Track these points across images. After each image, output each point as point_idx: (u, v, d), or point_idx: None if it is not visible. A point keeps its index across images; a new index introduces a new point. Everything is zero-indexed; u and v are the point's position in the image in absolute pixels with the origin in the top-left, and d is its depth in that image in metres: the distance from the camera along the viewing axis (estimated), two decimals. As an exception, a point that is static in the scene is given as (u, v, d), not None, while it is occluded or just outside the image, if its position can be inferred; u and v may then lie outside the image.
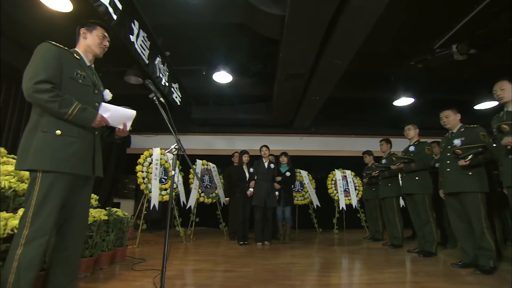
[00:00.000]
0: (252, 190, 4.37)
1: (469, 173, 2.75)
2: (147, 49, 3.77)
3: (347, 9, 3.04)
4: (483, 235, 2.68)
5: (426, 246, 3.48)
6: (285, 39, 3.62)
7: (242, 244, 4.32)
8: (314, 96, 4.97)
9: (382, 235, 4.78)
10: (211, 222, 6.25)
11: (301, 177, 6.12)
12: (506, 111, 2.40)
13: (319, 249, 4.18)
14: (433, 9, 3.75)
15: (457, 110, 3.04)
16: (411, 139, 3.73)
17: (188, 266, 2.94)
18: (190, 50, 4.92)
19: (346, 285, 2.35)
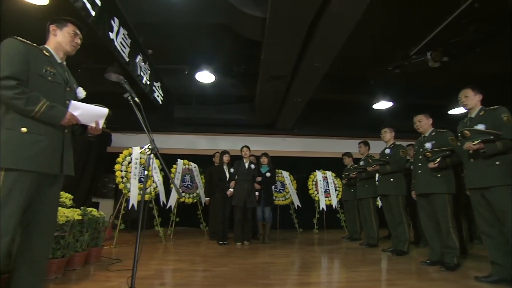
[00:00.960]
0: (232, 190, 4.39)
1: (438, 175, 2.88)
2: (128, 47, 3.71)
3: (326, 14, 3.12)
4: (449, 234, 2.82)
5: (399, 246, 3.61)
6: (266, 41, 3.66)
7: (222, 244, 4.33)
8: (296, 98, 5.05)
9: (359, 235, 4.91)
10: (192, 222, 6.22)
11: (282, 177, 6.19)
12: (469, 117, 2.54)
13: (298, 248, 4.25)
14: (410, 18, 3.91)
15: (430, 115, 3.17)
16: (387, 142, 3.86)
17: (165, 266, 2.92)
18: (172, 49, 4.89)
19: (321, 284, 2.41)
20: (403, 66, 4.48)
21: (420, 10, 3.74)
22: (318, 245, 4.66)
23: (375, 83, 5.32)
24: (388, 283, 2.43)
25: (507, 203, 2.23)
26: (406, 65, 4.44)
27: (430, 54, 4.20)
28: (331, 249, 4.17)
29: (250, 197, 4.36)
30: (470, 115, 2.56)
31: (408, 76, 4.82)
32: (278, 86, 4.76)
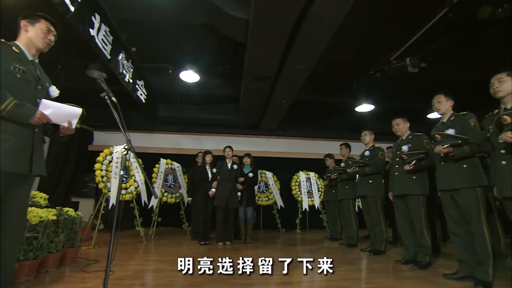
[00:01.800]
0: (214, 190, 4.39)
1: (413, 177, 2.98)
2: (110, 44, 3.66)
3: (308, 18, 3.17)
4: (422, 234, 2.93)
5: (377, 245, 3.71)
6: (250, 42, 3.68)
7: (203, 244, 4.32)
8: (279, 99, 5.10)
9: (340, 235, 5.00)
10: (174, 222, 6.17)
11: (266, 178, 6.23)
12: (441, 122, 2.64)
13: (279, 248, 4.30)
14: (391, 24, 4.01)
15: (407, 118, 3.27)
16: (367, 144, 3.95)
17: (145, 266, 2.90)
18: (156, 47, 4.84)
19: (296, 283, 2.45)
20: (383, 70, 4.60)
21: (400, 18, 3.85)
22: (299, 245, 4.72)
23: (357, 86, 5.44)
24: (362, 281, 2.50)
25: (473, 204, 2.34)
26: (386, 70, 4.57)
27: (409, 60, 4.33)
28: (311, 248, 4.24)
29: (232, 198, 4.37)
30: (442, 119, 2.66)
31: (389, 80, 4.96)
32: (262, 87, 4.80)
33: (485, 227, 2.32)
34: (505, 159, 2.00)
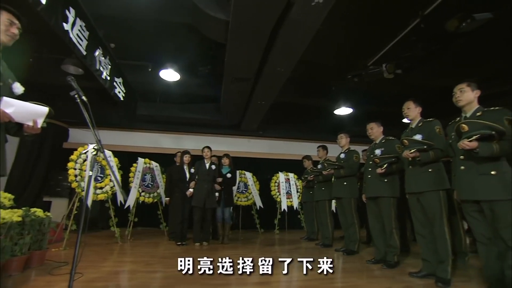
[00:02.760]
0: (192, 190, 4.37)
1: (384, 180, 3.09)
2: (85, 40, 3.55)
3: (287, 22, 3.22)
4: (392, 235, 3.04)
5: (350, 246, 3.82)
6: (229, 44, 3.70)
7: (180, 245, 4.29)
8: (259, 100, 5.13)
9: (317, 235, 5.10)
10: (152, 222, 6.07)
11: (245, 178, 6.25)
12: (410, 128, 2.76)
13: (256, 249, 4.33)
14: (369, 31, 4.13)
15: (381, 123, 3.39)
16: (343, 147, 4.05)
17: (117, 268, 2.85)
18: (136, 44, 4.75)
19: (266, 284, 2.48)
20: (361, 75, 4.74)
21: (377, 25, 3.97)
22: (276, 245, 4.77)
23: (336, 89, 5.57)
24: (332, 281, 2.57)
25: (436, 206, 2.46)
26: (363, 75, 4.70)
27: (385, 66, 4.48)
28: (287, 249, 4.30)
29: (210, 198, 4.37)
30: (411, 125, 2.78)
31: (367, 84, 5.11)
32: (242, 88, 4.82)
33: (446, 228, 2.45)
34: (464, 164, 2.13)
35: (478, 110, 2.18)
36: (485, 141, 1.96)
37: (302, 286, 2.42)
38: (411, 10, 3.54)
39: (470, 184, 2.08)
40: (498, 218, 1.96)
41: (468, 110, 2.23)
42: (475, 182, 2.05)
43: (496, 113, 2.05)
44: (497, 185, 1.96)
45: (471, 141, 1.96)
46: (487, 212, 2.02)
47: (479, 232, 2.12)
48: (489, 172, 1.99)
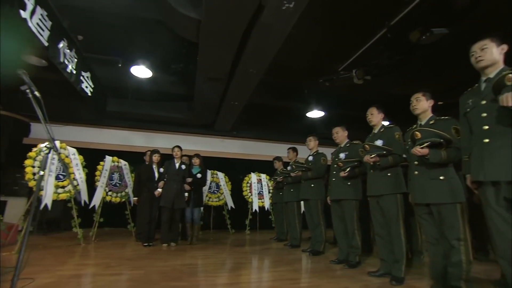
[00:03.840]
0: (160, 190, 4.29)
1: (348, 183, 3.20)
2: (47, 30, 3.36)
3: (258, 25, 3.24)
4: (354, 236, 3.16)
5: (316, 246, 3.92)
6: (201, 43, 3.67)
7: (147, 246, 4.19)
8: (232, 101, 5.13)
9: (286, 236, 5.18)
10: (120, 222, 5.88)
11: (217, 178, 6.23)
12: (373, 133, 2.88)
13: (224, 249, 4.32)
14: (340, 37, 4.25)
15: (346, 127, 3.50)
16: (311, 149, 4.14)
17: (74, 271, 2.73)
18: (106, 38, 4.58)
19: (231, 285, 2.49)
20: (332, 79, 4.87)
21: (349, 32, 4.10)
22: (245, 245, 4.79)
23: (309, 92, 5.68)
24: (295, 282, 2.62)
25: (393, 209, 2.59)
26: (334, 79, 4.84)
27: (355, 72, 4.64)
28: (257, 249, 4.33)
29: (178, 198, 4.31)
30: (374, 130, 2.90)
31: (339, 89, 5.26)
32: (215, 87, 4.79)
33: (402, 229, 2.58)
34: (417, 169, 2.26)
35: (431, 118, 2.32)
36: (435, 148, 2.10)
37: (265, 286, 2.44)
38: (380, 19, 3.69)
39: (422, 188, 2.20)
40: (444, 220, 2.10)
41: (423, 118, 2.36)
42: (426, 187, 2.18)
43: (445, 122, 2.20)
44: (444, 189, 2.09)
45: (423, 148, 2.08)
46: (435, 214, 2.16)
47: (429, 233, 2.25)
48: (438, 177, 2.13)
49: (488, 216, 1.77)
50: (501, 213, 1.71)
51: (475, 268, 3.05)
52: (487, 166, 1.74)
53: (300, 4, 2.93)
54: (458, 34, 3.49)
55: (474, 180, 1.85)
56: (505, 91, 1.58)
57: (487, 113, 1.79)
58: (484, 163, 1.75)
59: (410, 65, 4.46)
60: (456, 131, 2.14)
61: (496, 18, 3.42)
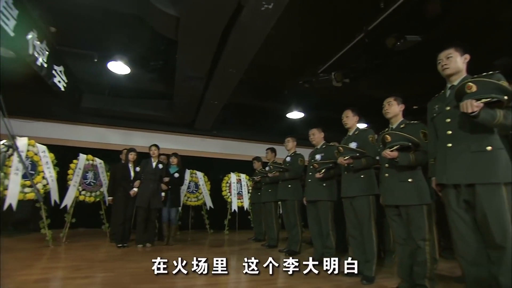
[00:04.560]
0: (136, 190, 4.19)
1: (323, 184, 3.25)
2: (13, 19, 3.18)
3: (238, 24, 3.23)
4: (328, 236, 3.21)
5: (292, 246, 3.95)
6: (180, 41, 3.62)
7: (121, 247, 4.08)
8: (212, 100, 5.09)
9: (264, 236, 5.19)
10: (94, 223, 5.68)
11: (196, 178, 6.15)
12: (348, 135, 2.93)
13: (201, 250, 4.29)
14: (320, 40, 4.32)
15: (322, 129, 3.55)
16: (289, 150, 4.17)
17: (37, 276, 2.60)
18: (81, 31, 4.42)
19: (202, 286, 2.47)
20: (311, 81, 4.93)
21: (328, 35, 4.16)
22: (223, 246, 4.77)
23: (289, 94, 5.73)
24: (269, 282, 2.63)
25: (366, 210, 2.65)
26: (314, 81, 4.90)
27: (334, 75, 4.73)
28: (233, 250, 4.32)
29: (155, 198, 4.23)
30: (349, 133, 2.96)
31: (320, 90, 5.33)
32: (195, 86, 4.74)
33: (373, 230, 2.65)
34: (388, 172, 2.32)
35: (402, 122, 2.39)
36: (404, 151, 2.16)
37: (239, 287, 2.43)
38: (358, 24, 3.77)
39: (392, 190, 2.27)
40: (411, 221, 2.17)
41: (394, 122, 2.43)
42: (395, 189, 2.24)
43: (415, 126, 2.27)
44: (412, 191, 2.17)
45: (393, 151, 2.14)
46: (404, 216, 2.23)
47: (397, 234, 2.32)
48: (407, 180, 2.20)
49: (449, 217, 1.85)
50: (461, 214, 1.79)
51: (441, 265, 3.21)
52: (449, 169, 1.81)
53: (279, 5, 2.95)
54: (432, 42, 3.64)
55: (438, 182, 1.93)
56: (465, 98, 1.66)
57: (451, 119, 1.87)
58: (447, 166, 1.83)
59: (387, 69, 4.58)
60: (424, 135, 2.22)
61: (465, 28, 3.58)
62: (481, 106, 1.62)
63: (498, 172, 1.67)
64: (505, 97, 1.60)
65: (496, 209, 1.65)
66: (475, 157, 1.73)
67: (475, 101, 1.62)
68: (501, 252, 1.63)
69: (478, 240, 1.76)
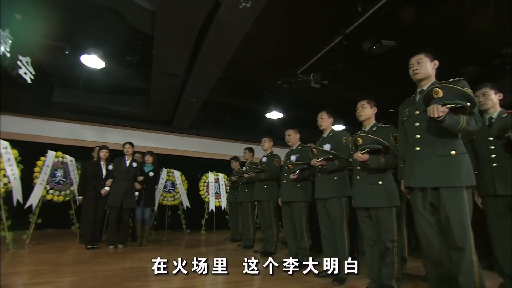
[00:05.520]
0: (108, 189, 4.03)
1: (298, 185, 3.25)
2: (-32, 4, 2.98)
3: (215, 22, 3.17)
4: (302, 237, 3.22)
5: (268, 247, 3.94)
6: (157, 36, 3.51)
7: (91, 248, 3.91)
8: (190, 98, 4.99)
9: (241, 236, 5.15)
10: (64, 223, 5.44)
11: (173, 177, 6.02)
12: (323, 137, 2.95)
13: (176, 250, 4.20)
14: (300, 40, 4.32)
15: (298, 130, 3.56)
16: (265, 150, 4.15)
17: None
18: (50, 21, 4.16)
19: None
20: (290, 82, 4.94)
21: (307, 36, 4.18)
22: (199, 246, 4.70)
23: (268, 94, 5.72)
24: (240, 284, 2.60)
25: (338, 211, 2.67)
26: (293, 82, 4.91)
27: (312, 76, 4.75)
28: (208, 251, 4.26)
29: (128, 197, 4.09)
30: (323, 134, 2.97)
31: (299, 91, 5.34)
32: (172, 83, 4.62)
33: (345, 231, 2.68)
34: (359, 174, 2.35)
35: (374, 125, 2.43)
36: (375, 154, 2.19)
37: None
38: (337, 26, 3.80)
39: (363, 193, 2.30)
40: (380, 223, 2.21)
41: (367, 125, 2.47)
42: (366, 191, 2.27)
43: (386, 129, 2.31)
44: (382, 194, 2.20)
45: (364, 154, 2.16)
46: (374, 218, 2.26)
47: (367, 235, 2.36)
48: (377, 182, 2.23)
49: (416, 219, 1.90)
50: (426, 216, 1.83)
51: (411, 264, 3.30)
52: (417, 172, 1.85)
53: (257, 4, 2.91)
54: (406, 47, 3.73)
55: (406, 185, 1.96)
56: (432, 103, 1.69)
57: (420, 123, 1.91)
58: (415, 170, 1.87)
59: (365, 72, 4.67)
60: (394, 138, 2.26)
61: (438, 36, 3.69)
62: (447, 111, 1.66)
63: (461, 176, 1.72)
64: (468, 104, 1.65)
65: (458, 212, 1.70)
66: (441, 161, 1.78)
67: (441, 106, 1.66)
68: (461, 253, 1.69)
69: (442, 241, 1.81)
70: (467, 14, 3.26)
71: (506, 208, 2.14)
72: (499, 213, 2.18)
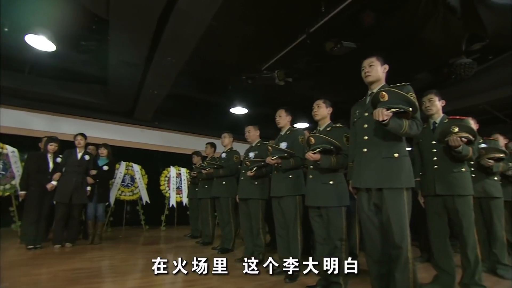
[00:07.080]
0: (55, 183, 3.73)
1: (255, 182, 3.22)
2: None
3: (176, 11, 3.02)
4: (258, 235, 3.21)
5: (225, 244, 3.90)
6: (111, 21, 3.28)
7: (32, 248, 3.59)
8: (151, 89, 4.77)
9: (200, 233, 5.06)
10: (3, 221, 4.96)
11: (132, 171, 5.76)
12: (280, 135, 2.95)
13: (131, 248, 4.02)
14: (264, 36, 4.27)
15: (258, 127, 3.53)
16: (225, 146, 4.08)
17: None
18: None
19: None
20: (255, 78, 4.90)
21: (272, 32, 4.14)
22: (156, 243, 4.54)
23: (233, 89, 5.64)
24: (191, 283, 2.54)
25: (292, 210, 2.68)
26: (257, 78, 4.88)
27: (276, 73, 4.75)
28: (165, 248, 4.14)
29: (78, 192, 3.82)
30: (281, 132, 2.97)
31: (263, 88, 5.32)
32: (131, 73, 4.38)
33: (298, 229, 2.69)
34: (312, 174, 2.38)
35: (329, 125, 2.46)
36: (327, 154, 2.23)
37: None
38: (301, 25, 3.80)
39: (314, 192, 2.33)
40: (330, 222, 2.25)
41: (322, 125, 2.50)
42: (318, 190, 2.30)
43: (339, 130, 2.35)
44: (332, 193, 2.24)
45: (315, 153, 2.18)
46: (324, 217, 2.30)
47: (318, 234, 2.39)
48: (328, 182, 2.27)
49: (361, 219, 1.96)
50: (371, 216, 1.90)
51: (361, 260, 3.44)
52: (363, 174, 1.90)
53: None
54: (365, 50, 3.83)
55: (353, 186, 2.02)
56: (378, 106, 1.74)
57: (368, 125, 1.96)
58: (361, 171, 1.92)
59: (329, 72, 4.75)
60: (347, 139, 2.31)
61: (395, 41, 3.84)
62: (391, 115, 1.71)
63: (402, 178, 1.79)
64: (410, 109, 1.71)
65: (397, 212, 1.77)
66: (385, 162, 1.84)
67: (386, 110, 1.71)
68: (398, 251, 1.77)
69: (384, 241, 1.88)
70: (419, 25, 3.42)
71: (443, 207, 2.28)
72: (437, 211, 2.33)
